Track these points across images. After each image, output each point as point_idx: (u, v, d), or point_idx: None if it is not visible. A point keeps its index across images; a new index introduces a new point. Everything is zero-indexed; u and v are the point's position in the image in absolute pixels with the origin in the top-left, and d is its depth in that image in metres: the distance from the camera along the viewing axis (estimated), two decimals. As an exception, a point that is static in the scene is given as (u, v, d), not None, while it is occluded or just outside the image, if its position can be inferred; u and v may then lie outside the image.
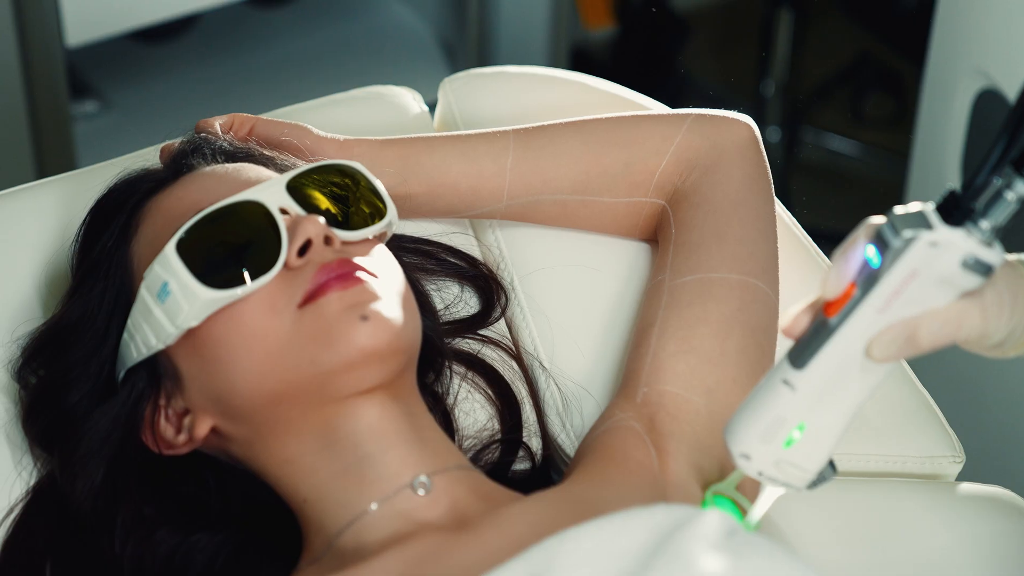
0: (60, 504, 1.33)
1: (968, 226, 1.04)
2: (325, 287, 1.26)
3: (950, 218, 1.04)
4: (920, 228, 1.04)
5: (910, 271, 1.04)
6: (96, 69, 2.79)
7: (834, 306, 1.07)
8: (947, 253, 1.04)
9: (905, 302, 1.05)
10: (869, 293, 1.05)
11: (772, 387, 1.10)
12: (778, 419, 1.10)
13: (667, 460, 1.34)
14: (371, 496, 1.27)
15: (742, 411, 1.12)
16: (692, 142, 1.48)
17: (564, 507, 1.26)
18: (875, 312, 1.06)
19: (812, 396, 1.09)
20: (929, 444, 1.51)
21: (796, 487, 1.14)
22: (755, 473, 1.13)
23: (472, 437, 1.43)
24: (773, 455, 1.12)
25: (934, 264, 1.04)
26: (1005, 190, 1.03)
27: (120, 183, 1.40)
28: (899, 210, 1.05)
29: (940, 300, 1.05)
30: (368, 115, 1.66)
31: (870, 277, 1.05)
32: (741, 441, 1.12)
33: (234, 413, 1.29)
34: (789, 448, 1.11)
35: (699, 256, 1.42)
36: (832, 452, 1.13)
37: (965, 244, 1.04)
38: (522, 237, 1.55)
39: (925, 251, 1.04)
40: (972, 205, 1.03)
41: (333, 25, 2.97)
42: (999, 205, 1.03)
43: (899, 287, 1.05)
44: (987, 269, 1.05)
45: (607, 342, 1.49)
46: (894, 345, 1.06)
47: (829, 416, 1.10)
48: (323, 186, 1.33)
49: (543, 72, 1.72)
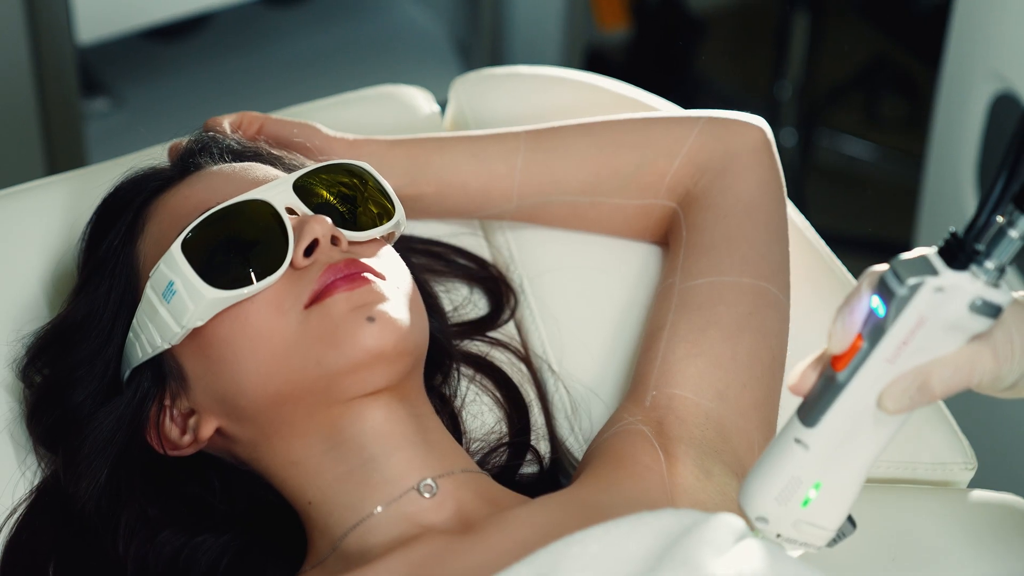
0: (64, 504, 1.33)
1: (973, 268, 1.02)
2: (332, 287, 1.25)
3: (954, 261, 1.02)
4: (924, 274, 1.01)
5: (917, 319, 1.02)
6: (109, 67, 2.79)
7: (842, 360, 1.05)
8: (954, 298, 1.02)
9: (914, 350, 1.03)
10: (877, 344, 1.03)
11: (784, 447, 1.08)
12: (793, 479, 1.08)
13: (676, 464, 1.33)
14: (376, 499, 1.26)
15: (755, 473, 1.10)
16: (704, 145, 1.47)
17: (571, 511, 1.26)
18: (884, 363, 1.03)
19: (826, 453, 1.07)
20: (940, 450, 1.50)
21: (816, 546, 1.11)
22: (774, 536, 1.10)
23: (480, 440, 1.42)
24: (791, 516, 1.09)
25: (941, 310, 1.02)
26: (1008, 228, 1.01)
27: (127, 181, 1.39)
28: (902, 257, 1.03)
29: (950, 345, 1.03)
30: (379, 114, 1.65)
31: (876, 328, 1.03)
32: (758, 505, 1.09)
33: (239, 414, 1.28)
34: (807, 508, 1.08)
35: (710, 259, 1.42)
36: (851, 507, 1.10)
37: (972, 287, 1.01)
38: (532, 238, 1.55)
39: (931, 297, 1.01)
40: (976, 246, 1.01)
41: (346, 24, 2.96)
42: (1003, 244, 1.01)
43: (907, 336, 1.02)
44: (996, 310, 1.02)
45: (617, 345, 1.49)
46: (906, 396, 1.04)
47: (845, 472, 1.08)
48: (331, 186, 1.33)
49: (555, 73, 1.71)
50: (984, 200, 1.01)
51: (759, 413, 1.37)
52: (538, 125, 1.50)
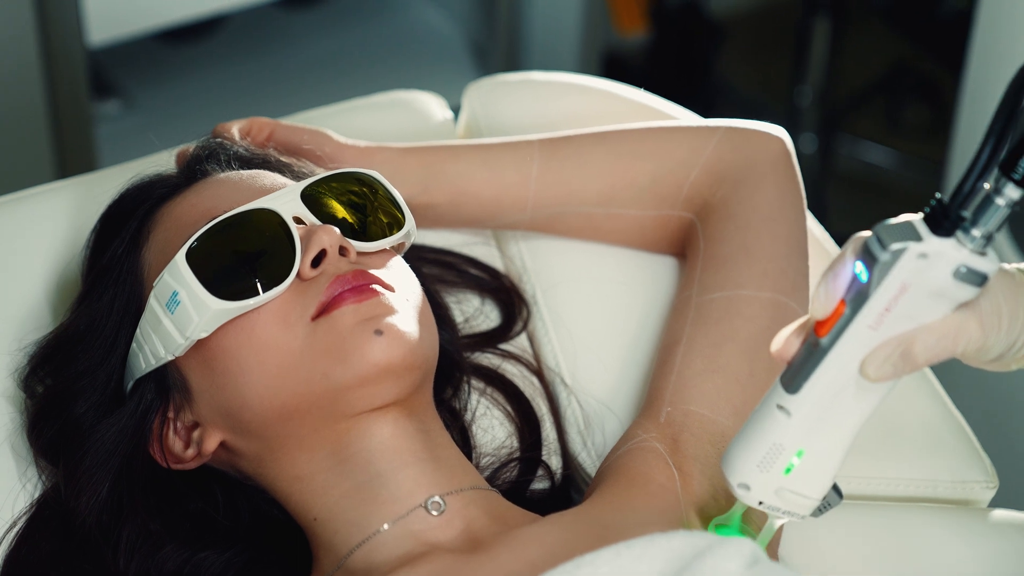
0: (64, 518, 1.31)
1: (959, 235, 1.01)
2: (339, 299, 1.24)
3: (939, 228, 1.01)
4: (908, 240, 1.01)
5: (900, 285, 1.02)
6: (120, 69, 2.79)
7: (825, 326, 1.05)
8: (937, 264, 1.02)
9: (898, 317, 1.03)
10: (860, 310, 1.03)
11: (767, 414, 1.08)
12: (775, 446, 1.08)
13: (690, 483, 1.31)
14: (383, 516, 1.25)
15: (738, 440, 1.10)
16: (723, 155, 1.46)
17: (582, 530, 1.24)
18: (867, 329, 1.04)
19: (808, 421, 1.07)
20: (961, 468, 1.48)
21: (800, 515, 1.12)
22: (755, 503, 1.11)
23: (490, 455, 1.41)
24: (773, 483, 1.10)
25: (924, 276, 1.02)
26: (994, 195, 1.01)
27: (132, 188, 1.38)
28: (887, 222, 1.03)
29: (935, 313, 1.03)
30: (391, 121, 1.65)
31: (860, 294, 1.03)
32: (739, 471, 1.10)
33: (244, 428, 1.27)
34: (789, 475, 1.09)
35: (728, 272, 1.40)
36: (835, 477, 1.11)
37: (956, 254, 1.01)
38: (546, 249, 1.54)
39: (914, 263, 1.01)
40: (961, 213, 1.01)
41: (361, 27, 2.96)
42: (989, 211, 1.01)
43: (890, 302, 1.03)
44: (981, 278, 1.02)
45: (631, 358, 1.48)
46: (889, 363, 1.04)
47: (828, 440, 1.08)
48: (340, 195, 1.32)
49: (570, 80, 1.70)
50: (971, 166, 1.00)
51: None
52: (553, 133, 1.49)
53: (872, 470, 1.45)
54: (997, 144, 1.00)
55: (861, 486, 1.45)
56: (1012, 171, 1.01)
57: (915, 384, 1.51)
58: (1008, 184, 1.01)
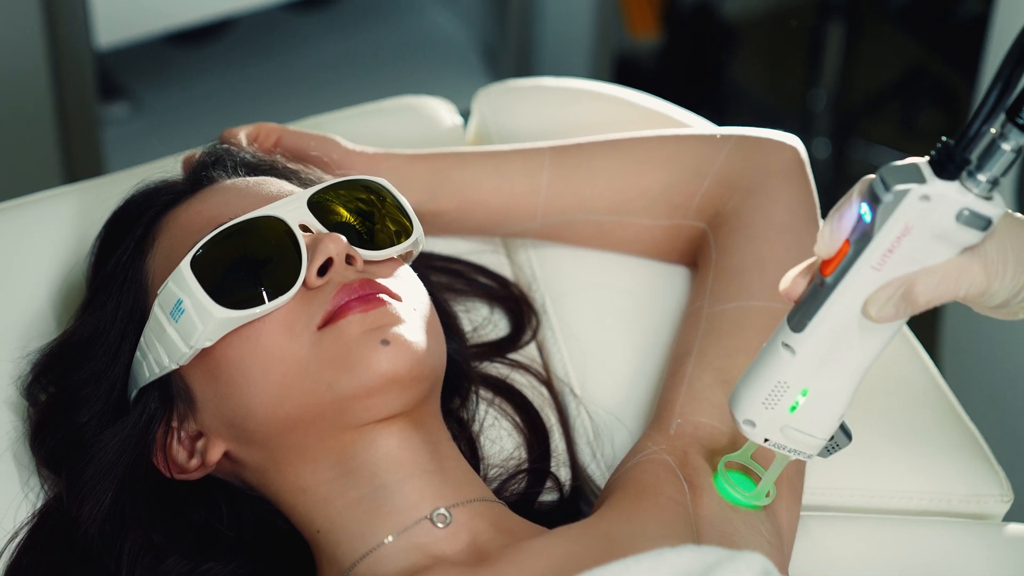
0: (67, 529, 1.31)
1: (964, 179, 1.02)
2: (345, 309, 1.23)
3: (943, 171, 1.03)
4: (911, 182, 1.03)
5: (903, 227, 1.03)
6: (128, 71, 2.79)
7: (829, 265, 1.07)
8: (940, 207, 1.03)
9: (901, 259, 1.04)
10: (863, 250, 1.05)
11: (773, 352, 1.11)
12: (780, 384, 1.11)
13: (700, 496, 1.30)
14: (387, 528, 1.24)
15: (745, 378, 1.13)
16: (735, 163, 1.45)
17: (589, 544, 1.23)
18: (870, 270, 1.05)
19: (813, 359, 1.09)
20: (976, 482, 1.47)
21: (806, 454, 1.15)
22: (761, 440, 1.14)
23: (498, 466, 1.40)
24: (778, 421, 1.12)
25: (927, 219, 1.03)
26: (1000, 140, 1.02)
27: (138, 195, 1.38)
28: (893, 164, 1.04)
29: (938, 256, 1.05)
30: (400, 126, 1.65)
31: (864, 234, 1.05)
32: (745, 407, 1.13)
33: (248, 438, 1.26)
34: (794, 413, 1.11)
35: (740, 282, 1.39)
36: (841, 418, 1.13)
37: (960, 197, 1.02)
38: (555, 257, 1.53)
39: (916, 205, 1.03)
40: (967, 157, 1.02)
41: (372, 30, 2.96)
42: (995, 156, 1.02)
43: (892, 244, 1.04)
44: (985, 223, 1.03)
45: (641, 369, 1.47)
46: (891, 303, 1.05)
47: (833, 381, 1.10)
48: (347, 202, 1.31)
49: (582, 86, 1.70)
50: (977, 110, 1.01)
51: None
52: (563, 141, 1.48)
53: (886, 483, 1.44)
54: (1005, 89, 1.00)
55: (875, 500, 1.44)
56: (1017, 116, 1.01)
57: (929, 397, 1.50)
58: (1014, 130, 1.02)
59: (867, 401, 1.44)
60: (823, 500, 1.43)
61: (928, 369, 1.51)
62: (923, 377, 1.51)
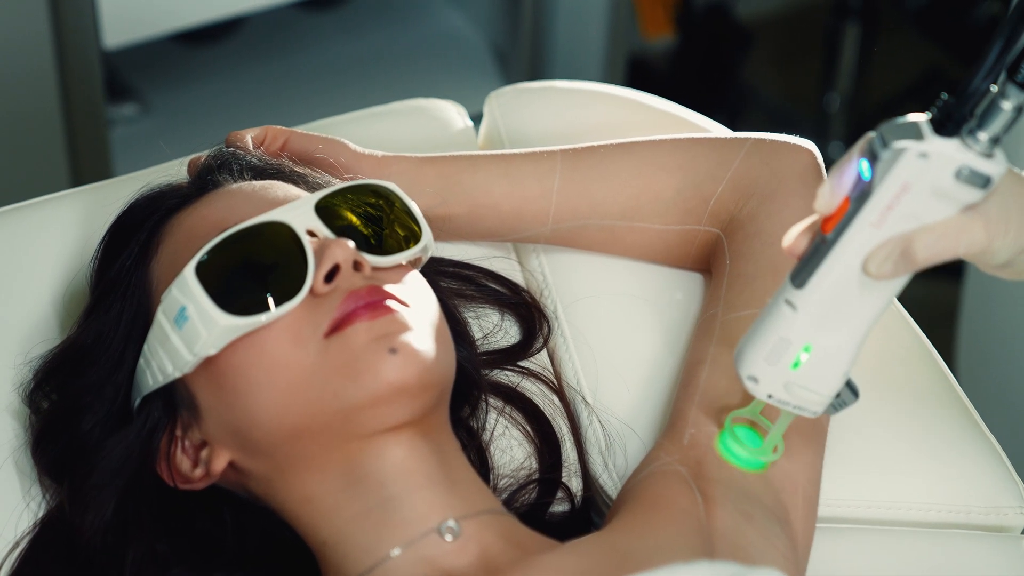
0: (69, 539, 1.29)
1: (964, 137, 1.03)
2: (352, 316, 1.22)
3: (943, 129, 1.03)
4: (910, 139, 1.04)
5: (901, 184, 1.04)
6: (137, 72, 2.80)
7: (830, 222, 1.08)
8: (939, 165, 1.03)
9: (901, 216, 1.06)
10: (863, 207, 1.06)
11: (776, 308, 1.12)
12: (783, 340, 1.12)
13: (714, 508, 1.28)
14: (395, 540, 1.23)
15: (749, 334, 1.14)
16: (750, 168, 1.43)
17: (601, 558, 1.22)
18: (870, 227, 1.06)
19: (815, 316, 1.11)
20: (995, 493, 1.46)
21: (811, 411, 1.16)
22: (764, 396, 1.15)
23: (508, 476, 1.39)
24: (781, 377, 1.14)
25: (926, 176, 1.04)
26: (1000, 99, 1.02)
27: (142, 199, 1.36)
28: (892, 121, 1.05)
29: (939, 214, 1.05)
30: (409, 129, 1.63)
31: (863, 191, 1.06)
32: (748, 363, 1.14)
33: (253, 447, 1.25)
34: (797, 370, 1.13)
35: (754, 289, 1.37)
36: (846, 375, 1.14)
37: (959, 155, 1.03)
38: (567, 263, 1.51)
39: (915, 163, 1.04)
40: (966, 114, 1.03)
41: (383, 31, 2.97)
42: (995, 114, 1.03)
43: (892, 201, 1.05)
44: (985, 181, 1.04)
45: (655, 377, 1.45)
46: (889, 260, 1.06)
47: (836, 337, 1.11)
48: (355, 207, 1.30)
49: (595, 88, 1.68)
50: (977, 67, 1.02)
51: (804, 454, 1.32)
52: (575, 144, 1.46)
53: (903, 495, 1.43)
54: (1005, 46, 1.01)
55: (891, 512, 1.43)
56: (1016, 74, 1.01)
57: (947, 406, 1.48)
58: (1013, 88, 1.02)
59: (883, 411, 1.44)
60: (838, 512, 1.41)
61: (946, 378, 1.50)
62: (940, 385, 1.49)
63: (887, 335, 1.49)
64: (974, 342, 2.22)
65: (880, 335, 1.49)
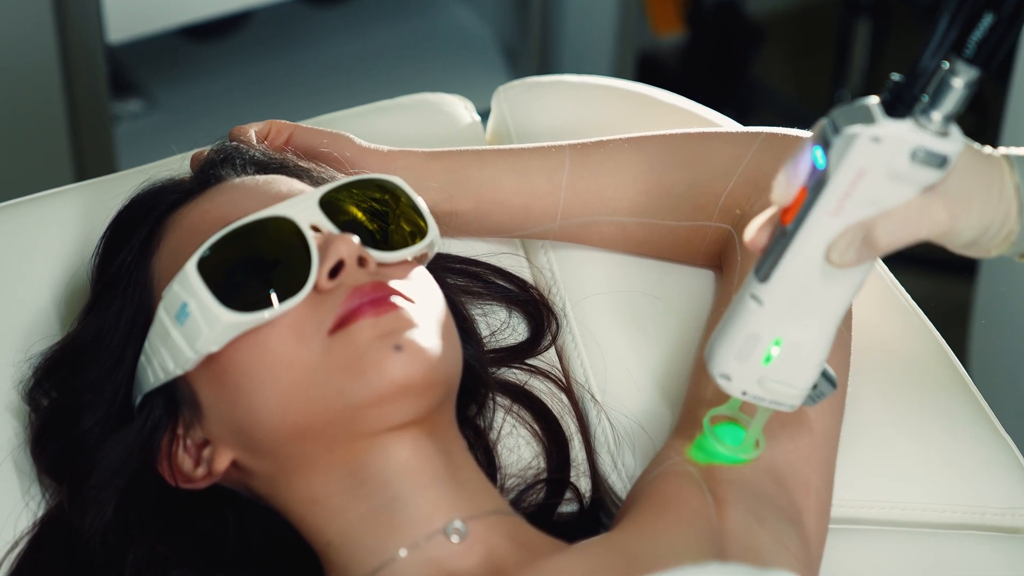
0: (68, 539, 1.28)
1: (917, 117, 1.02)
2: (357, 313, 1.20)
3: (895, 111, 1.03)
4: (862, 123, 1.03)
5: (856, 170, 1.03)
6: (142, 67, 2.81)
7: (789, 213, 1.07)
8: (892, 148, 1.02)
9: (860, 203, 1.05)
10: (819, 196, 1.05)
11: (742, 304, 1.11)
12: (752, 336, 1.11)
13: (725, 509, 1.27)
14: (400, 541, 1.21)
15: (718, 332, 1.13)
16: (762, 163, 1.41)
17: (609, 560, 1.21)
18: (828, 216, 1.05)
19: (781, 309, 1.10)
20: (1011, 494, 1.44)
21: (787, 404, 1.15)
22: (739, 393, 1.14)
23: (516, 476, 1.37)
24: (754, 373, 1.13)
25: (880, 160, 1.03)
26: (950, 76, 1.02)
27: (143, 193, 1.35)
28: (842, 106, 1.04)
29: (898, 198, 1.05)
30: (416, 124, 1.62)
31: (819, 180, 1.05)
32: (719, 362, 1.13)
33: (256, 446, 1.24)
34: (769, 365, 1.12)
35: (767, 287, 1.35)
36: (820, 366, 1.13)
37: (913, 136, 1.02)
38: (576, 260, 1.50)
39: (868, 147, 1.03)
40: (918, 95, 1.02)
41: (391, 26, 2.98)
42: (946, 93, 1.02)
43: (848, 188, 1.04)
44: (942, 160, 1.03)
45: (665, 375, 1.44)
46: (851, 248, 1.06)
47: (806, 329, 1.11)
48: (360, 202, 1.28)
49: (604, 83, 1.67)
50: (924, 46, 1.02)
51: (818, 454, 1.31)
52: (584, 139, 1.45)
53: (917, 496, 1.42)
54: (951, 23, 1.00)
55: (905, 512, 1.41)
56: (964, 50, 1.00)
57: (961, 405, 1.47)
58: (962, 65, 1.01)
59: (897, 410, 1.43)
60: (851, 513, 1.40)
61: (960, 377, 1.49)
62: (954, 385, 1.48)
63: (901, 334, 1.48)
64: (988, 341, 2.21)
65: (894, 334, 1.48)
